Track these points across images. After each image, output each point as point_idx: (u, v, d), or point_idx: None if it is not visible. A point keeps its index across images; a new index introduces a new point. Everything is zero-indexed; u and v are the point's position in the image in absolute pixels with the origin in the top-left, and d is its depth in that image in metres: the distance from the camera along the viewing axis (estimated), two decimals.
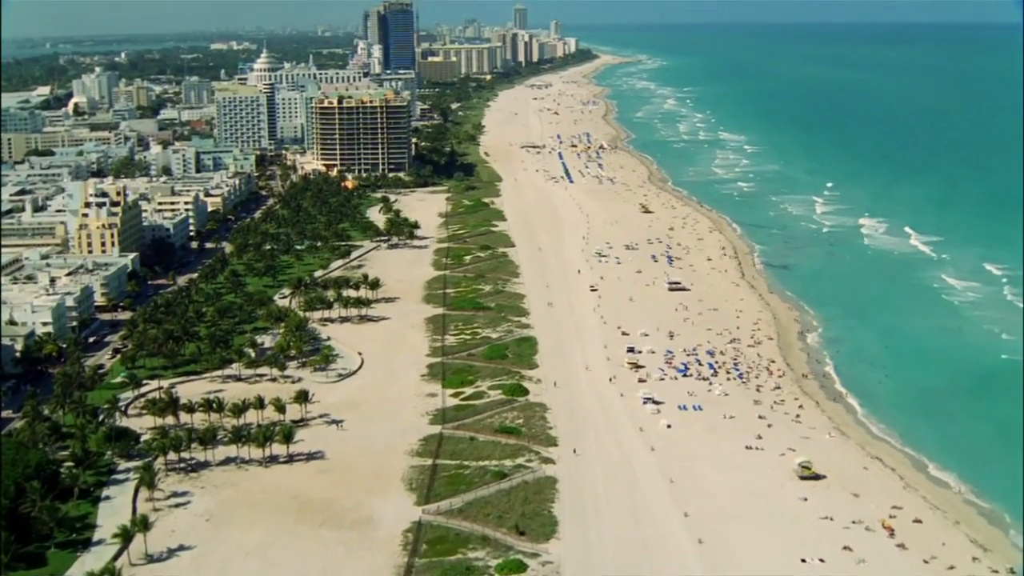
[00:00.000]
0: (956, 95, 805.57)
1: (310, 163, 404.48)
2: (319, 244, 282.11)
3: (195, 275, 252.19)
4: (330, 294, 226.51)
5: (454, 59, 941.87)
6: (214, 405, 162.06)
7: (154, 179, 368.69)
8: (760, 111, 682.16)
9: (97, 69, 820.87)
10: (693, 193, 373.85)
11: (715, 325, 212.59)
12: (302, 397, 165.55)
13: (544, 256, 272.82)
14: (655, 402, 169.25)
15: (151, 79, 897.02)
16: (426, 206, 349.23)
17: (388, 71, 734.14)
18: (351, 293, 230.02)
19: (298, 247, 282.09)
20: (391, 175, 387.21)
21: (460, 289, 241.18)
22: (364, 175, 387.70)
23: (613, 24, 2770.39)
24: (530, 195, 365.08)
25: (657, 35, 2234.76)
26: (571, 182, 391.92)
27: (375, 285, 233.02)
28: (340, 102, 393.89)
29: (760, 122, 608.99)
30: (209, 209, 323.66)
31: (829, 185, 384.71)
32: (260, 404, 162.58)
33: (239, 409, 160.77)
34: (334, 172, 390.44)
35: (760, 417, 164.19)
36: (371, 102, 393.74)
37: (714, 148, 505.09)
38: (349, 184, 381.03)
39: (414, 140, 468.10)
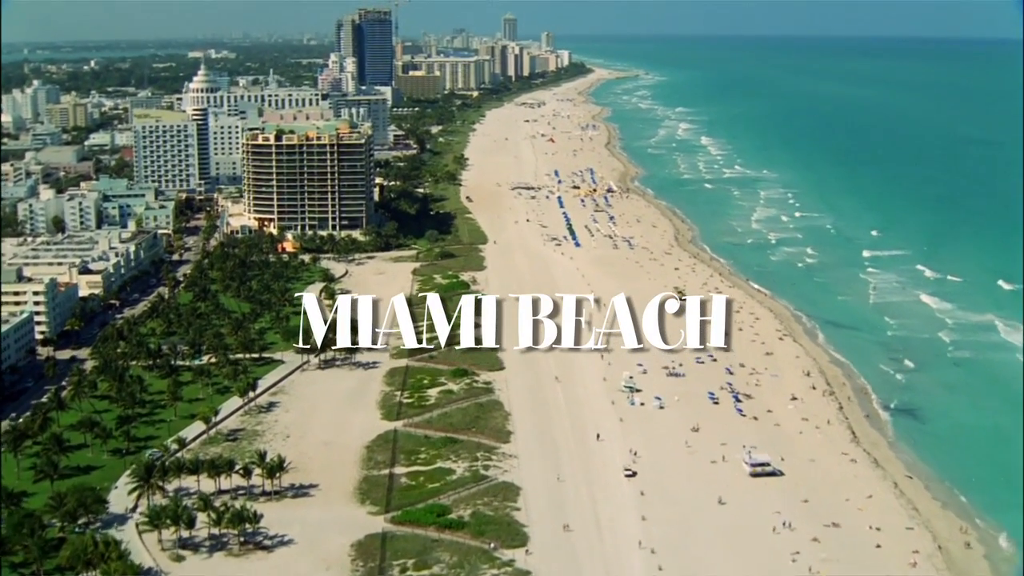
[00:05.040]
0: (996, 121, 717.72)
1: (240, 216, 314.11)
2: (216, 363, 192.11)
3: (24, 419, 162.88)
4: (197, 494, 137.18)
5: (437, 73, 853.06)
6: None
7: (28, 239, 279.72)
8: (781, 138, 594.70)
9: (35, 82, 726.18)
10: (735, 262, 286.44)
11: (848, 571, 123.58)
12: None
13: (551, 393, 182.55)
14: None
15: (105, 92, 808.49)
16: (385, 283, 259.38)
17: (363, 86, 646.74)
18: (237, 482, 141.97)
19: (184, 363, 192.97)
20: (343, 234, 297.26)
21: (417, 468, 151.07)
22: (309, 234, 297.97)
23: (604, 35, 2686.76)
24: (524, 268, 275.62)
25: (652, 47, 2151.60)
26: (577, 245, 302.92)
27: (276, 470, 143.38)
28: (278, 138, 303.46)
29: (785, 154, 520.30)
30: (85, 293, 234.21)
31: (899, 252, 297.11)
32: None
33: None
34: (271, 229, 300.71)
35: None
36: (318, 138, 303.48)
37: (742, 190, 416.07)
38: (288, 246, 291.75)
39: (380, 180, 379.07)
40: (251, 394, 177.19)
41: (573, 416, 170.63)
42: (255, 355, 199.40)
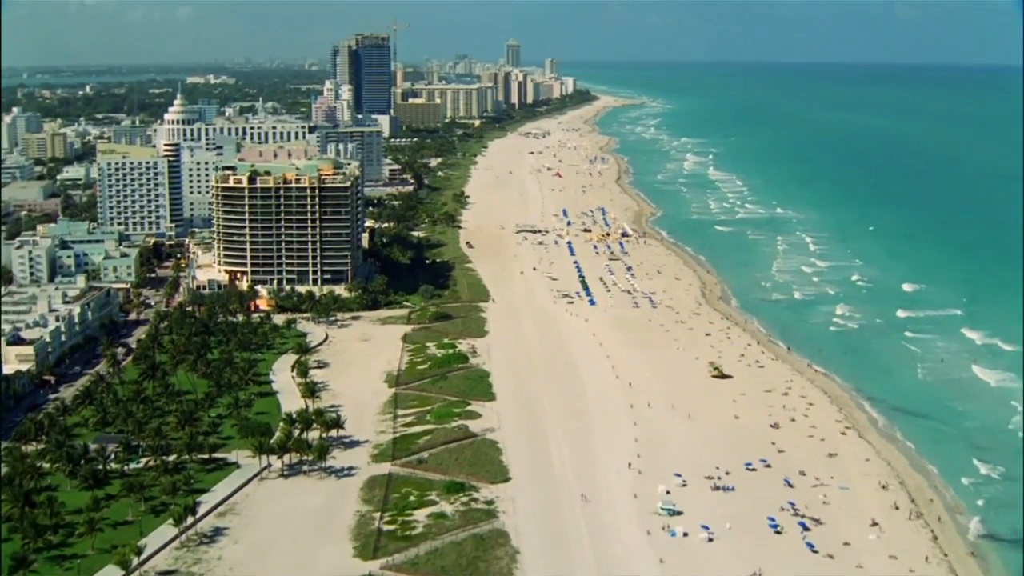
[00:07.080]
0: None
1: (210, 268, 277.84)
2: (155, 467, 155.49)
3: None
4: None
5: (438, 101, 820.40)
6: None
7: None
8: (791, 172, 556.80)
9: (15, 110, 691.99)
10: (767, 324, 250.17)
11: None
12: None
13: (569, 519, 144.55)
14: None
15: (94, 119, 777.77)
16: (370, 353, 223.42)
17: (359, 115, 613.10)
18: None
19: (118, 466, 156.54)
20: (325, 290, 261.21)
21: None
22: (286, 289, 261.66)
23: (609, 61, 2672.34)
24: (532, 335, 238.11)
25: (657, 73, 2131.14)
26: (592, 302, 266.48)
27: None
28: (252, 179, 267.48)
29: (798, 190, 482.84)
30: (12, 369, 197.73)
31: (939, 312, 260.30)
32: None
33: None
34: (242, 284, 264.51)
35: None
36: (297, 180, 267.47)
37: (758, 232, 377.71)
38: (262, 304, 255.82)
39: (370, 222, 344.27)
40: (191, 519, 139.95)
41: (599, 556, 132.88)
42: (205, 456, 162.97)
